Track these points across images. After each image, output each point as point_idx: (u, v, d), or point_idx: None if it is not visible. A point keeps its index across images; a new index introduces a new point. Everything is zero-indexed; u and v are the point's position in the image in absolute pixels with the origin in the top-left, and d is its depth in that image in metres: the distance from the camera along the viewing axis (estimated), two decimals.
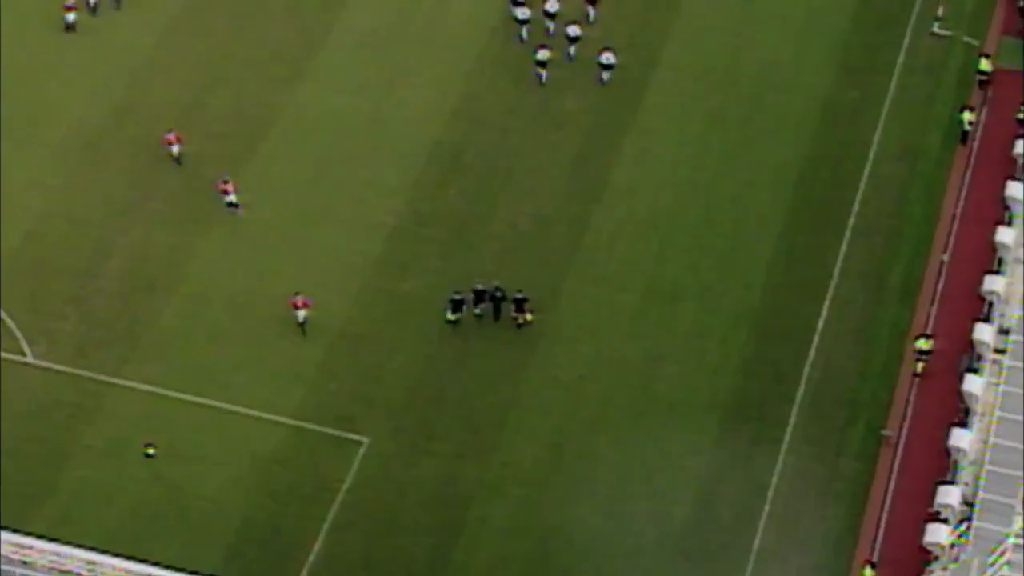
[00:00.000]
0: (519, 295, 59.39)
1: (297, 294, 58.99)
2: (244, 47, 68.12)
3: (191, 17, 69.25)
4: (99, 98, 65.76)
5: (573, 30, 68.89)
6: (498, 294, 59.43)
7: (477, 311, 59.75)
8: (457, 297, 59.49)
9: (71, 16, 68.33)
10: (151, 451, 55.47)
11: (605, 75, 67.88)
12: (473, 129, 65.33)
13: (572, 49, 68.96)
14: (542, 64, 68.18)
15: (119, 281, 60.61)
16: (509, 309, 59.69)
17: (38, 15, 68.96)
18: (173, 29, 68.79)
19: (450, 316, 59.68)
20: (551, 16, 69.71)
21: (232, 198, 61.79)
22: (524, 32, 69.93)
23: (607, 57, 67.68)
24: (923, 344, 56.45)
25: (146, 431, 56.24)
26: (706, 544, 53.78)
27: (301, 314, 59.08)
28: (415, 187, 63.43)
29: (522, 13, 70.16)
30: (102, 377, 57.70)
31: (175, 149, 63.87)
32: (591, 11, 70.53)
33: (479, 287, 59.43)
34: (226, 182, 61.75)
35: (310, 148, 64.90)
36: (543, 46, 68.34)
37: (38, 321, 59.05)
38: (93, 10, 69.14)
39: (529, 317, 59.71)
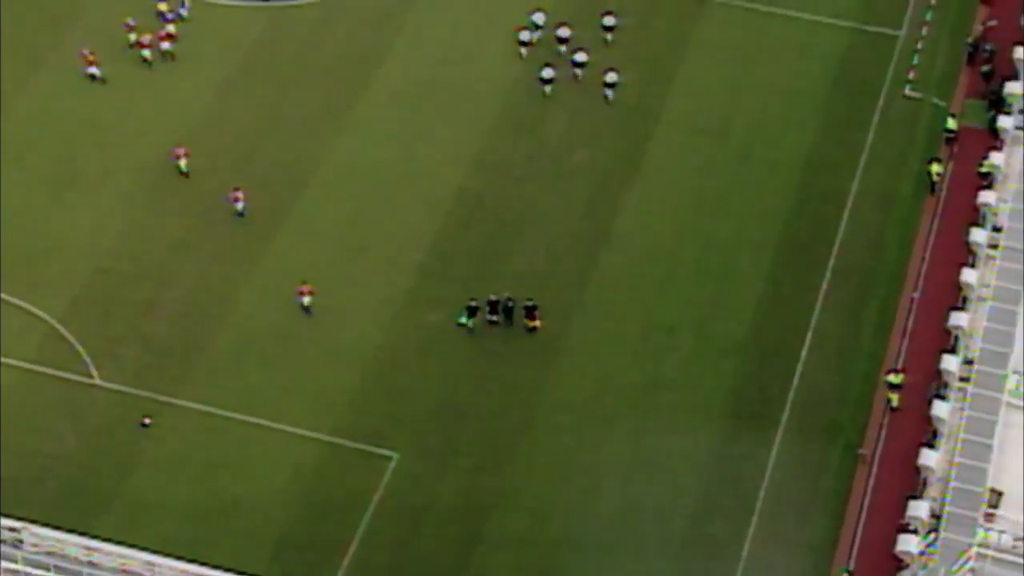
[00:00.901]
0: (529, 303, 59.70)
1: (304, 283, 59.73)
2: (291, 103, 68.11)
3: (244, 76, 69.27)
4: (162, 149, 65.54)
5: (580, 56, 69.27)
6: (509, 303, 59.67)
7: (491, 318, 59.86)
8: (473, 304, 59.79)
9: (93, 69, 67.99)
10: (147, 421, 56.13)
11: (609, 92, 68.27)
12: (493, 177, 65.26)
13: (580, 72, 69.33)
14: (546, 81, 68.68)
15: (177, 311, 60.67)
16: (520, 316, 59.84)
17: (109, 71, 68.92)
18: (228, 86, 68.81)
19: (465, 321, 59.83)
20: (562, 40, 70.14)
21: (240, 206, 62.55)
22: (524, 51, 70.37)
23: (611, 76, 68.12)
24: (894, 379, 56.28)
25: (199, 447, 56.46)
26: (700, 553, 53.66)
27: (306, 300, 59.90)
28: (441, 228, 63.35)
29: (525, 35, 70.59)
30: (161, 397, 57.73)
31: (182, 163, 64.47)
32: (608, 35, 71.12)
33: (492, 298, 59.70)
34: (236, 189, 62.29)
35: (348, 193, 64.83)
36: (548, 64, 68.87)
37: (104, 347, 59.10)
38: (148, 63, 69.09)
39: (538, 323, 59.78)
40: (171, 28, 69.50)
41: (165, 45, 69.06)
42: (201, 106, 67.88)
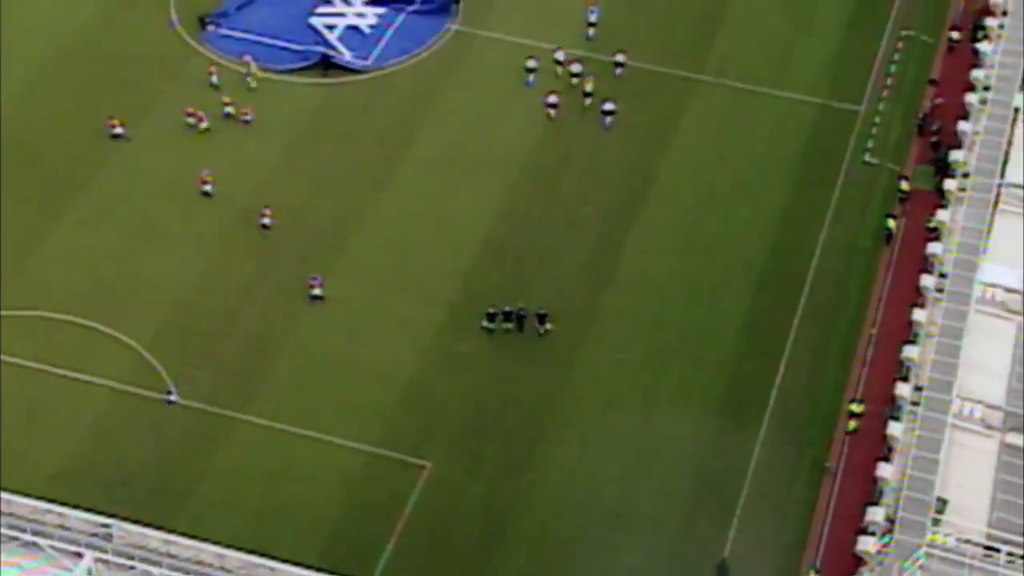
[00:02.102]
0: (541, 311, 60.23)
1: (315, 277, 61.30)
2: (342, 164, 68.15)
3: (304, 141, 69.28)
4: (234, 201, 65.83)
5: (590, 87, 70.38)
6: (522, 313, 60.31)
7: (507, 326, 60.44)
8: (492, 311, 60.38)
9: (119, 129, 67.60)
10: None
11: (608, 120, 69.33)
12: (513, 227, 65.28)
13: (588, 100, 70.31)
14: (552, 106, 69.84)
15: (244, 340, 60.71)
16: (534, 323, 60.49)
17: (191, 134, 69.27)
18: (291, 149, 68.84)
19: (486, 324, 60.38)
20: (575, 75, 71.18)
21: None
22: (532, 78, 71.37)
23: (608, 106, 69.28)
24: (855, 407, 56.49)
25: (262, 456, 56.42)
26: (689, 550, 53.68)
27: (316, 291, 61.17)
28: (468, 271, 63.34)
29: (532, 63, 71.53)
30: (230, 413, 57.74)
31: (208, 187, 65.13)
32: (619, 69, 72.10)
33: (507, 308, 60.34)
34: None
35: (390, 241, 64.87)
36: (553, 92, 69.95)
37: (182, 370, 59.11)
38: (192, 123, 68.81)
39: (549, 327, 60.32)
40: (226, 98, 69.39)
41: (229, 110, 69.02)
42: (268, 166, 67.93)
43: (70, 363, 58.95)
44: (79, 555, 41.51)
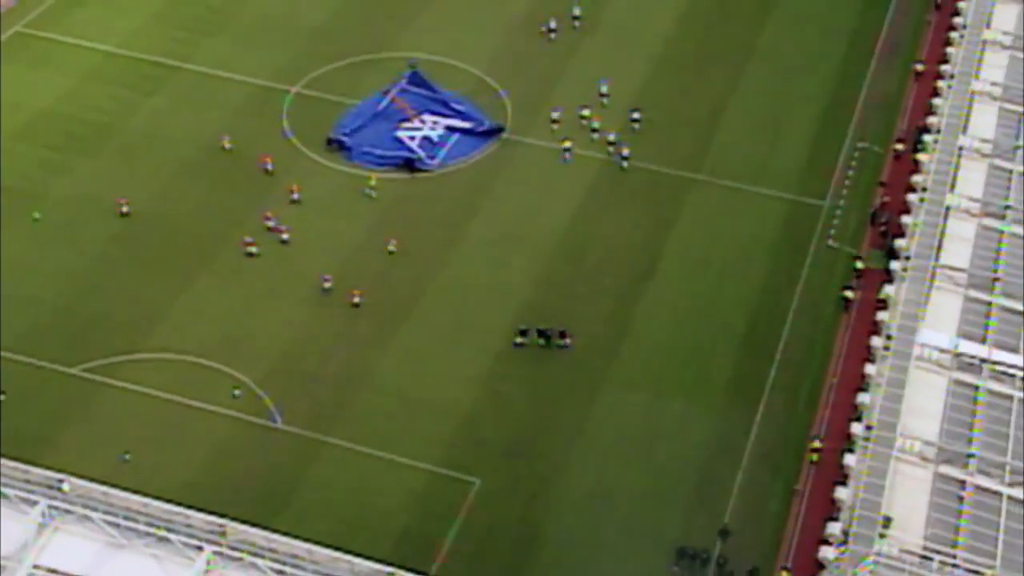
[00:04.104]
0: (562, 329, 61.57)
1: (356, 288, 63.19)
2: (413, 242, 68.10)
3: (382, 223, 69.19)
4: (324, 270, 65.96)
5: (613, 135, 73.06)
6: (548, 331, 61.29)
7: (539, 341, 61.25)
8: (523, 328, 61.20)
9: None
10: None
11: (624, 164, 71.71)
12: (548, 293, 65.23)
13: (611, 148, 72.66)
14: (567, 150, 71.89)
15: (334, 379, 60.67)
16: (556, 338, 61.62)
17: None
18: (372, 229, 68.83)
19: (518, 340, 61.18)
20: (595, 130, 73.84)
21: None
22: (568, 156, 72.74)
23: (626, 151, 71.90)
24: (817, 444, 56.50)
25: (346, 471, 56.33)
26: (687, 552, 53.15)
27: (356, 299, 63.15)
28: (511, 327, 62.99)
29: (556, 114, 73.87)
30: (321, 437, 57.77)
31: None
32: (636, 124, 74.43)
33: (538, 327, 61.67)
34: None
35: (450, 303, 64.89)
36: (567, 138, 72.24)
37: (286, 403, 59.23)
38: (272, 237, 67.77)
39: (568, 341, 60.96)
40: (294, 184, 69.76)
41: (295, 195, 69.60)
42: (355, 242, 68.07)
43: (198, 396, 59.23)
44: (200, 548, 41.54)
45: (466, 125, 73.29)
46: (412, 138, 72.82)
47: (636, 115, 75.19)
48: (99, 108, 76.23)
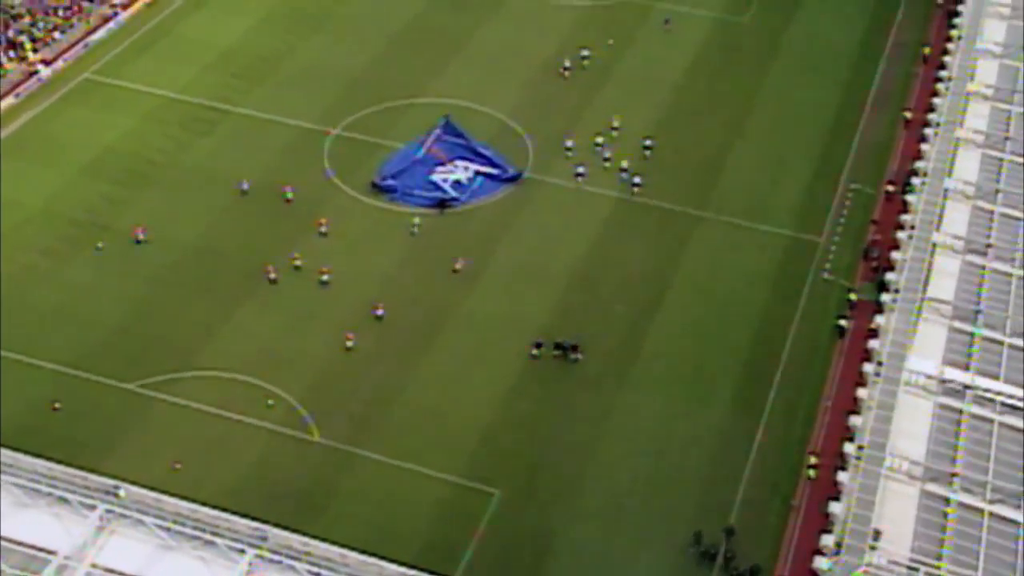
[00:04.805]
0: (574, 342, 61.81)
1: (377, 302, 64.07)
2: (438, 271, 68.26)
3: (415, 252, 69.52)
4: (360, 303, 66.03)
5: (625, 163, 73.44)
6: (563, 344, 61.68)
7: (555, 352, 61.59)
8: (539, 341, 61.62)
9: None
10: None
11: (635, 189, 72.49)
12: (565, 320, 65.11)
13: (624, 175, 73.31)
14: (580, 175, 72.88)
15: (367, 397, 60.69)
16: (569, 351, 61.94)
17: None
18: (406, 258, 69.22)
19: (534, 351, 61.42)
20: (607, 159, 74.49)
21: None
22: (570, 154, 74.21)
23: (638, 179, 72.57)
24: (813, 460, 56.17)
25: (379, 482, 56.28)
26: (694, 560, 53.14)
27: (380, 312, 63.99)
28: (529, 349, 63.05)
29: (569, 141, 73.77)
30: (355, 450, 57.82)
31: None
32: (648, 151, 74.87)
33: (557, 340, 62.14)
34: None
35: (473, 328, 64.87)
36: (581, 163, 73.32)
37: (323, 418, 59.32)
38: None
39: (580, 355, 61.25)
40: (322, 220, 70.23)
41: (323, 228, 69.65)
42: (387, 271, 68.40)
43: (243, 411, 59.48)
44: (242, 551, 41.71)
45: (493, 171, 74.24)
46: (445, 180, 73.73)
47: (648, 142, 75.81)
48: (157, 147, 77.08)
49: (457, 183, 73.62)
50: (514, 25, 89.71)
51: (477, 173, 74.11)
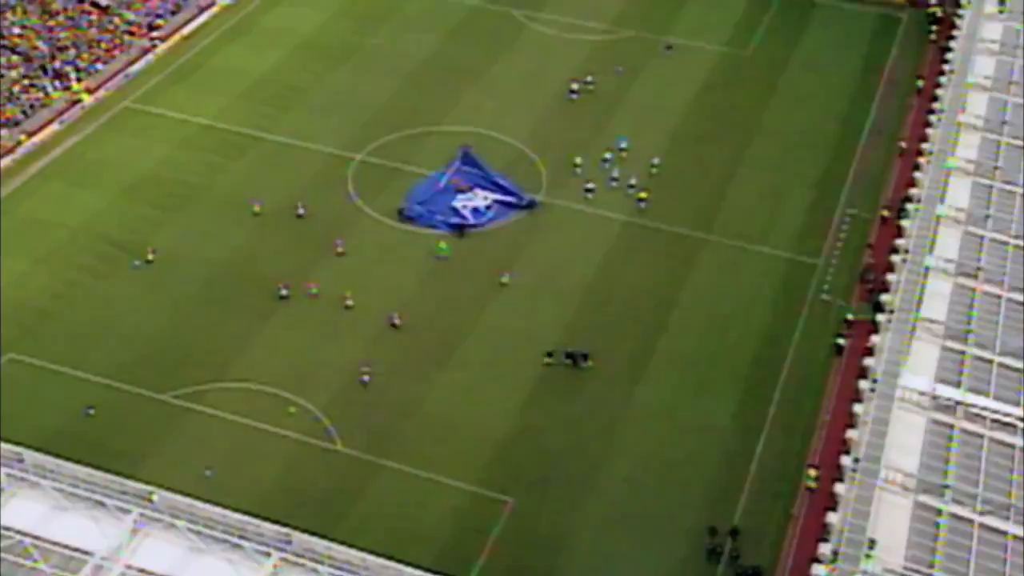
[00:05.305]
0: (584, 352, 61.97)
1: (394, 309, 63.89)
2: (460, 290, 68.56)
3: (439, 272, 69.77)
4: (385, 311, 66.25)
5: (633, 180, 73.98)
6: (573, 353, 61.91)
7: (565, 361, 61.93)
8: (551, 350, 61.79)
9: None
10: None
11: (642, 206, 73.20)
12: (578, 335, 64.86)
13: (631, 191, 74.01)
14: (589, 190, 73.38)
15: (388, 408, 60.73)
16: (580, 360, 62.07)
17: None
18: (430, 275, 69.30)
19: (546, 360, 61.39)
20: (615, 179, 74.94)
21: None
22: (578, 171, 74.71)
23: (643, 194, 72.83)
24: (813, 472, 56.03)
25: (398, 490, 56.18)
26: (698, 567, 52.76)
27: (397, 320, 63.88)
28: (541, 364, 63.06)
29: (578, 158, 74.99)
30: (376, 459, 57.83)
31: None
32: (655, 169, 75.24)
33: (568, 350, 62.35)
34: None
35: (489, 343, 64.81)
36: (589, 180, 73.86)
37: (345, 428, 59.40)
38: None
39: (591, 363, 61.23)
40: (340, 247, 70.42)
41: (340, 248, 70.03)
42: (408, 289, 68.36)
43: (271, 421, 59.61)
44: (268, 554, 41.65)
45: (509, 199, 74.84)
46: (465, 207, 74.36)
47: (656, 160, 76.06)
48: (192, 171, 77.63)
49: (475, 210, 74.25)
50: (528, 58, 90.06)
51: (495, 201, 74.71)
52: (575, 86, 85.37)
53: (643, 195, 73.70)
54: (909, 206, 65.04)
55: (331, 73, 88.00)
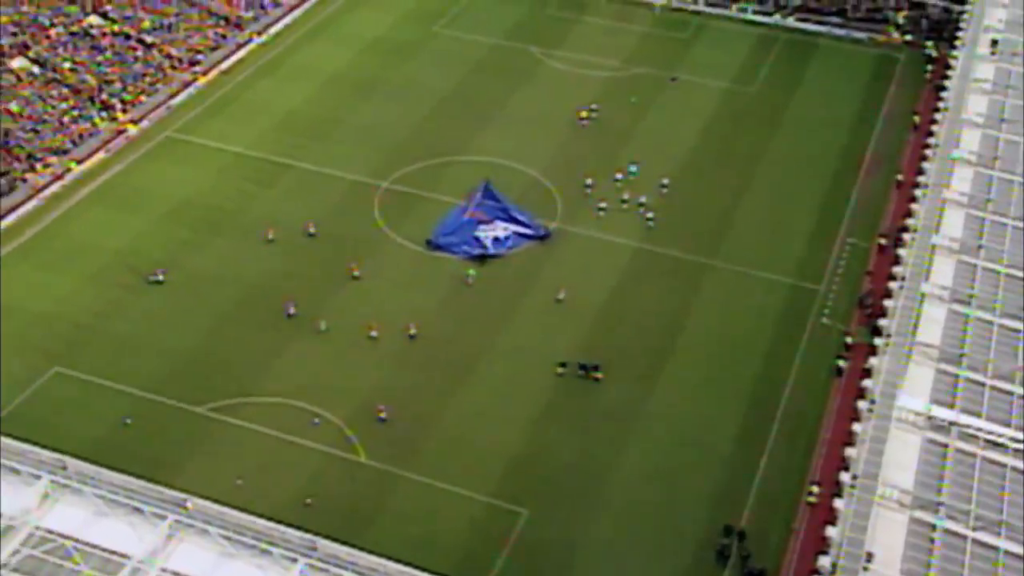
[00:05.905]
0: (595, 363, 62.03)
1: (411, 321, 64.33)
2: (480, 310, 68.59)
3: (455, 295, 69.75)
4: (396, 326, 66.31)
5: (643, 198, 74.59)
6: (587, 364, 62.02)
7: (579, 372, 62.13)
8: (563, 361, 61.89)
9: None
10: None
11: (651, 224, 73.51)
12: (588, 350, 64.53)
13: (641, 209, 74.33)
14: (602, 209, 73.96)
15: (409, 421, 60.69)
16: (591, 370, 62.16)
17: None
18: (452, 294, 69.41)
19: (559, 370, 61.39)
20: (624, 201, 75.23)
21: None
22: (589, 191, 75.40)
23: (650, 213, 73.74)
24: (814, 489, 55.76)
25: (419, 500, 56.06)
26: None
27: (413, 330, 64.33)
28: (557, 383, 63.10)
29: (589, 179, 74.85)
30: (398, 471, 57.81)
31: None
32: (664, 189, 75.56)
33: (581, 362, 62.53)
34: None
35: (506, 361, 64.86)
36: (603, 199, 74.50)
37: (368, 440, 59.40)
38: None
39: (600, 375, 60.94)
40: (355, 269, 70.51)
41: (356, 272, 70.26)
42: (429, 309, 68.51)
43: (299, 434, 59.72)
44: (294, 560, 41.78)
45: (527, 231, 75.24)
46: (486, 237, 74.67)
47: (665, 180, 76.20)
48: (228, 197, 78.20)
49: (496, 239, 74.87)
50: (545, 92, 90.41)
51: (513, 232, 75.23)
52: (583, 113, 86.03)
53: (651, 214, 74.13)
54: (906, 235, 64.96)
55: (359, 105, 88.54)
